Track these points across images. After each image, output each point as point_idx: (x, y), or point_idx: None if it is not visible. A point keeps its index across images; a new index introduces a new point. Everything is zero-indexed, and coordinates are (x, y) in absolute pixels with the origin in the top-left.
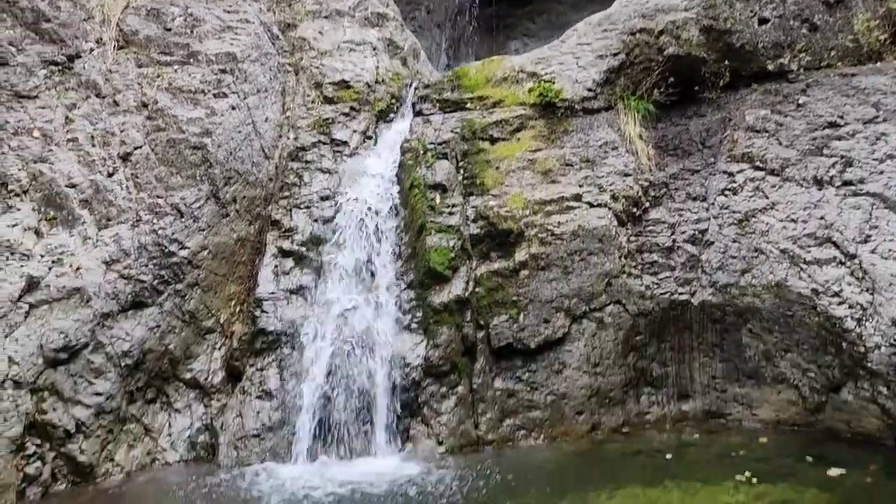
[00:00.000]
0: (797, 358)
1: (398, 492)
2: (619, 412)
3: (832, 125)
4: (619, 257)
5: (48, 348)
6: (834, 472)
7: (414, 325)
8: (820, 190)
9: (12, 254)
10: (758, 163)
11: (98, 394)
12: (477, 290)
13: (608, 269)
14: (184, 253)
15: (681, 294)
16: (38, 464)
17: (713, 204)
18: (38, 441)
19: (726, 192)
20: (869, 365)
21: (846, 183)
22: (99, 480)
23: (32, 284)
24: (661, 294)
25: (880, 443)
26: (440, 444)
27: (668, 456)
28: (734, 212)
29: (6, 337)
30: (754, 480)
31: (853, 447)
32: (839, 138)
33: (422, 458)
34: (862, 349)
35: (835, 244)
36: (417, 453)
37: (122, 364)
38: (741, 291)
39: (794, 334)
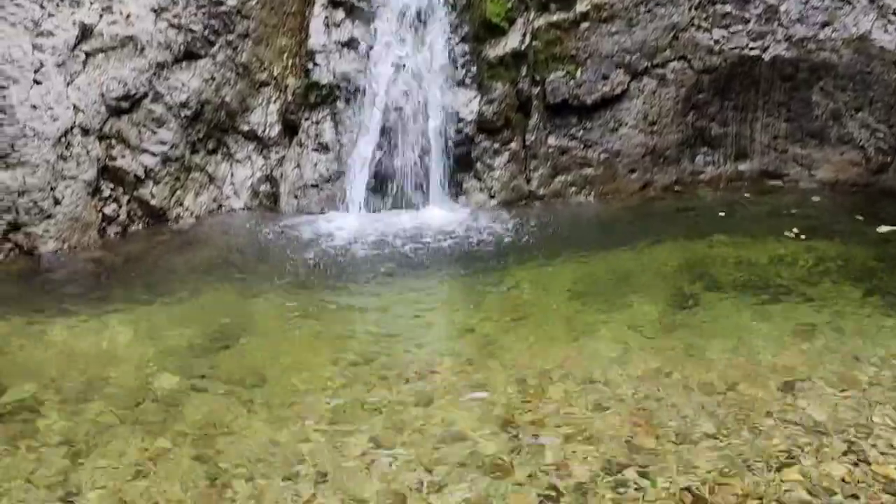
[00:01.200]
0: (868, 117)
1: (449, 235)
2: (673, 171)
3: None
4: (689, 8)
5: (109, 97)
6: (884, 229)
7: (468, 80)
8: None
9: (62, 0)
10: None
11: (162, 142)
12: (534, 43)
13: (676, 21)
14: (232, 2)
15: (752, 49)
16: (115, 206)
17: None
18: (112, 185)
19: None
20: None
21: None
22: (171, 223)
23: (86, 32)
24: (731, 49)
25: None
26: (492, 197)
27: (721, 213)
28: None
29: (68, 85)
30: (802, 236)
31: None
32: None
33: (474, 209)
34: None
35: None
36: (469, 205)
37: (182, 115)
38: (818, 46)
39: (869, 92)
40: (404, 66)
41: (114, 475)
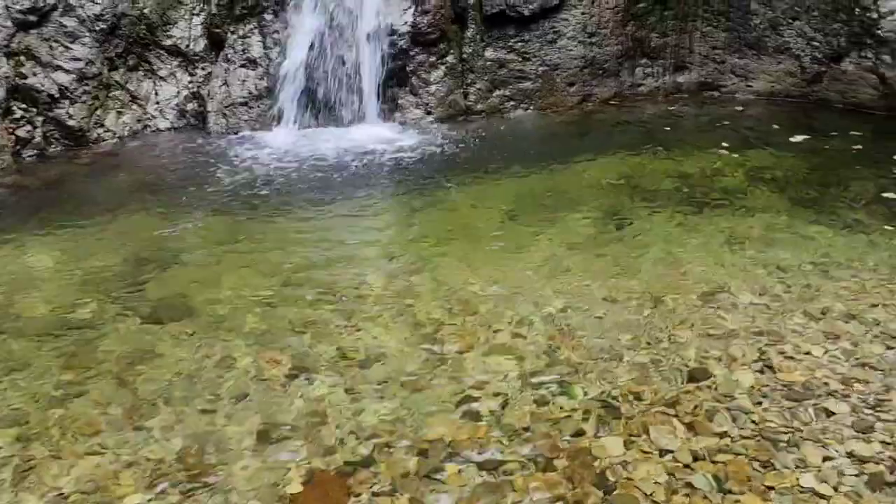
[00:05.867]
0: (805, 26)
1: (384, 152)
2: (612, 84)
3: None
4: None
5: (14, 10)
6: (798, 137)
7: None
8: None
9: None
10: None
11: (76, 59)
12: None
13: None
14: None
15: None
16: (29, 127)
17: None
18: (24, 105)
19: None
20: (878, 32)
21: None
22: (92, 145)
23: None
24: None
25: (870, 113)
26: (429, 113)
27: (659, 126)
28: None
29: None
30: (735, 155)
31: (842, 118)
32: None
33: (410, 126)
34: (875, 15)
35: None
36: (406, 122)
37: (97, 28)
38: None
39: (807, 0)
40: None
41: (29, 403)
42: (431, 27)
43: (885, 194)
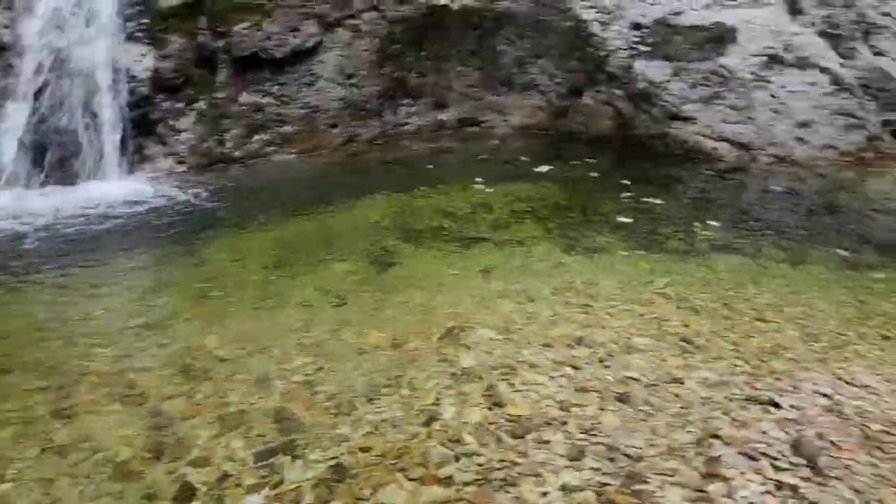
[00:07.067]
0: (547, 64)
1: (129, 208)
2: (376, 124)
3: None
4: None
5: None
6: (543, 168)
7: (138, 34)
8: None
9: None
10: None
11: None
12: None
13: None
14: None
15: None
16: None
17: None
18: None
19: None
20: (608, 69)
21: None
22: None
23: None
24: None
25: (609, 142)
26: (181, 163)
27: (424, 164)
28: None
29: None
30: (490, 189)
31: (586, 148)
32: None
33: (159, 178)
34: (603, 53)
35: None
36: (154, 173)
37: None
38: None
39: (546, 40)
40: (62, 16)
41: None
42: (175, 72)
43: (619, 218)
